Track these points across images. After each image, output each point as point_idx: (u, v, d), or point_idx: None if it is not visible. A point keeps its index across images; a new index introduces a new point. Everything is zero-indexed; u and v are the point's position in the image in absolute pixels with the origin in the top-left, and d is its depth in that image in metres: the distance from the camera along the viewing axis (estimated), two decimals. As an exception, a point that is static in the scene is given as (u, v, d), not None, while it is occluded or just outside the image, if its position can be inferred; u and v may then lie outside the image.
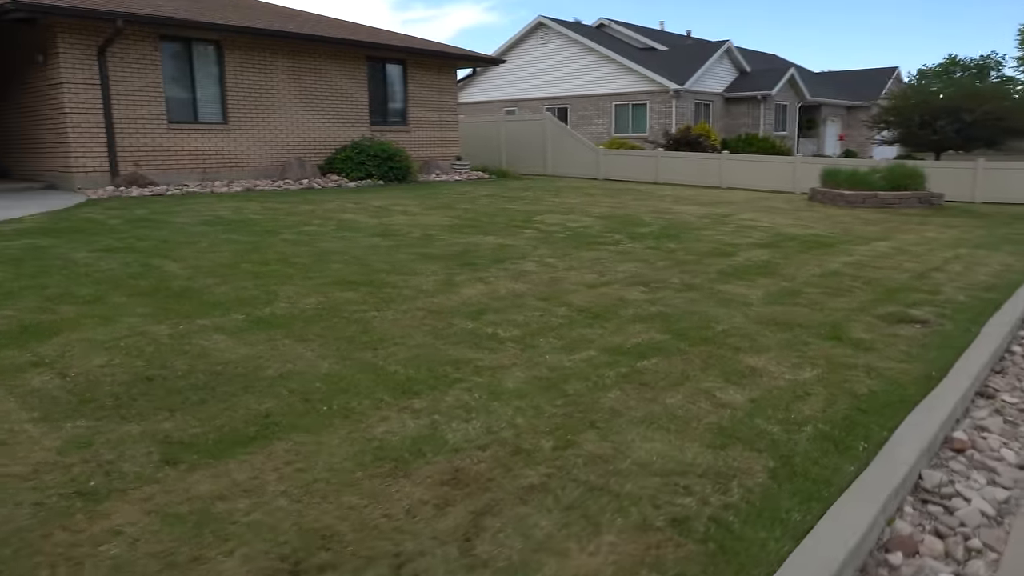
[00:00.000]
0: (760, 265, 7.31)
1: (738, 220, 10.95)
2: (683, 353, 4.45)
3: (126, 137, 13.18)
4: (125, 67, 13.04)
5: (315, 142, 16.19)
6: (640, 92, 26.46)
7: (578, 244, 8.17)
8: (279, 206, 10.77)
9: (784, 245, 8.64)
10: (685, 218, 10.98)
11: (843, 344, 4.80)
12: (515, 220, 10.01)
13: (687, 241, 8.65)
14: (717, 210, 12.33)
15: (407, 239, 8.08)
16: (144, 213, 9.42)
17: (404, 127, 18.12)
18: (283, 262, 6.54)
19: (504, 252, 7.50)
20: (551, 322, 4.98)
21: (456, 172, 18.60)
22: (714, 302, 5.74)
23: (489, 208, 11.34)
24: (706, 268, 7.04)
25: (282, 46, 15.31)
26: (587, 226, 9.66)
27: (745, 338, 4.81)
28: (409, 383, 3.71)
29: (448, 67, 19.01)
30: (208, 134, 14.39)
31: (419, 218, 9.92)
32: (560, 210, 11.45)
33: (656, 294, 5.91)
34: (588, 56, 27.53)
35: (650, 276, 6.58)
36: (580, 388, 3.78)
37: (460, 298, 5.49)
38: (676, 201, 13.84)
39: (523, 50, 29.50)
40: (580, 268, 6.81)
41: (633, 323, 5.05)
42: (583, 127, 27.91)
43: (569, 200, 13.21)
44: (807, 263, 7.51)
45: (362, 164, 15.78)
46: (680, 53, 28.45)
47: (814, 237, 9.40)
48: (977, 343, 5.05)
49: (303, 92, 15.84)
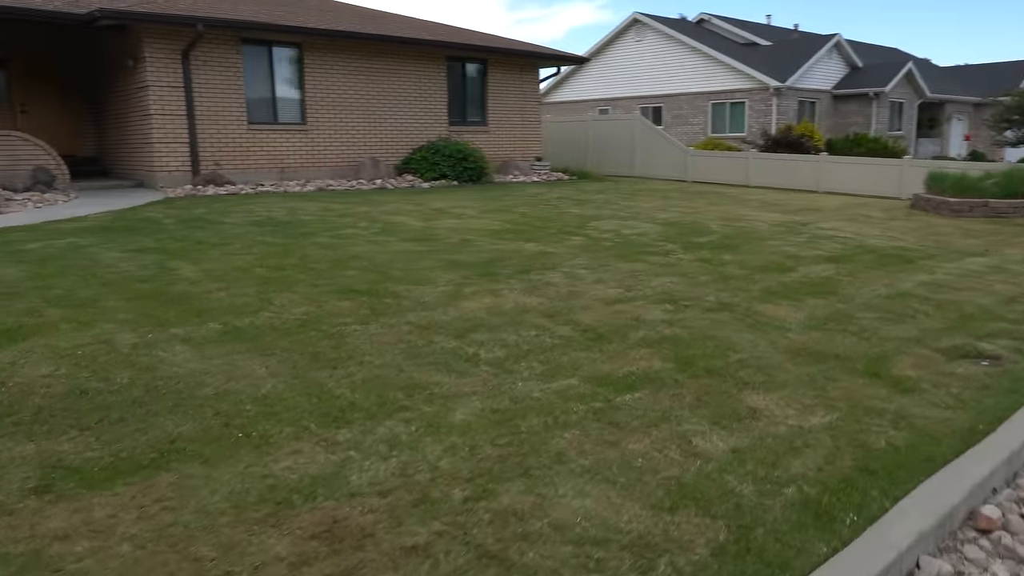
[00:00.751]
0: (817, 282, 6.57)
1: (816, 229, 10.05)
2: (677, 386, 3.93)
3: (207, 138, 13.65)
4: (208, 70, 13.51)
5: (392, 142, 16.28)
6: (738, 90, 25.21)
7: (622, 253, 7.66)
8: (336, 206, 10.80)
9: (857, 259, 7.79)
10: (757, 226, 10.19)
11: (879, 383, 4.13)
12: (569, 225, 9.57)
13: (745, 253, 7.95)
14: (798, 217, 11.40)
15: (443, 244, 7.82)
16: (202, 213, 9.63)
17: (483, 127, 17.96)
18: (300, 267, 6.42)
19: (537, 261, 7.10)
20: (544, 343, 4.56)
21: (535, 173, 18.27)
22: (743, 325, 5.14)
23: (548, 212, 10.94)
24: (752, 285, 6.39)
25: (361, 47, 15.47)
26: (642, 233, 9.09)
27: (760, 371, 4.23)
28: (347, 410, 3.41)
29: (531, 66, 18.70)
30: (286, 134, 14.72)
31: (470, 222, 9.66)
32: (623, 215, 10.90)
33: (679, 314, 5.37)
34: (684, 53, 26.52)
35: (683, 293, 6.02)
36: (536, 425, 3.36)
37: (458, 312, 5.15)
38: (758, 207, 12.95)
39: (618, 48, 28.80)
40: (609, 281, 6.33)
41: (637, 347, 4.55)
42: (678, 127, 26.93)
43: (640, 204, 12.61)
44: (874, 281, 6.70)
45: (437, 164, 15.72)
46: (784, 48, 26.92)
47: (897, 251, 8.45)
48: (1050, 388, 4.25)
49: (381, 93, 15.95)
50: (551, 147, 22.98)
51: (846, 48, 26.53)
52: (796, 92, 24.88)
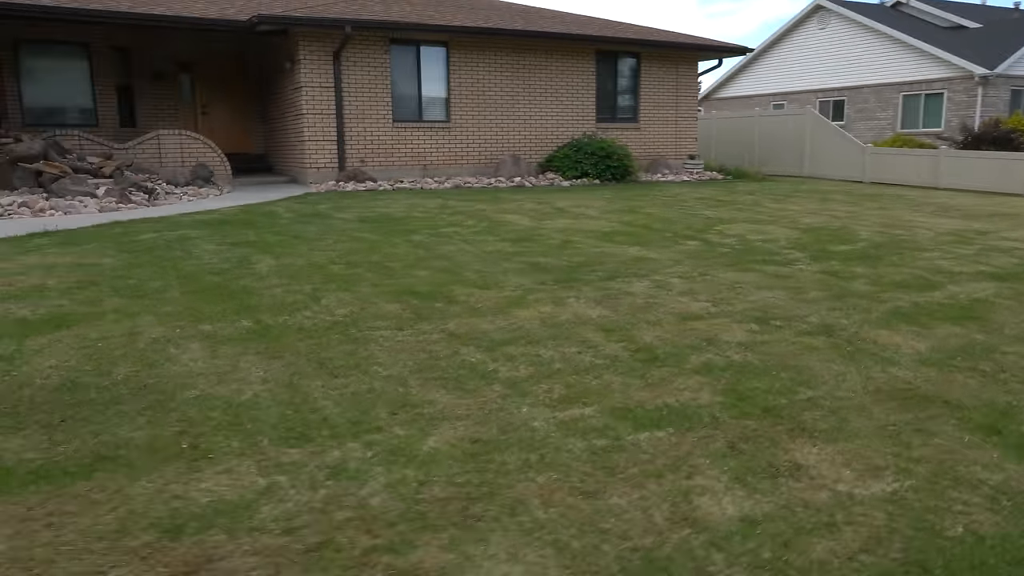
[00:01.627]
0: (963, 305, 5.40)
1: (996, 240, 8.46)
2: (714, 426, 3.26)
3: (354, 136, 14.17)
4: (356, 70, 14.00)
5: (535, 140, 16.05)
6: (936, 79, 22.35)
7: (734, 262, 6.82)
8: (457, 204, 10.70)
9: (1033, 278, 6.39)
10: (920, 234, 8.77)
11: (992, 443, 3.19)
12: (691, 229, 8.77)
13: (886, 265, 6.79)
14: (978, 225, 9.71)
15: (540, 246, 7.40)
16: (325, 208, 9.91)
17: (634, 123, 17.24)
18: (375, 265, 6.28)
19: (630, 267, 6.48)
20: (582, 362, 4.02)
21: (686, 172, 17.26)
22: (839, 355, 4.26)
23: (677, 214, 10.15)
24: (876, 304, 5.37)
25: (507, 44, 15.36)
26: (772, 239, 8.11)
27: (831, 415, 3.42)
28: (314, 427, 3.12)
29: (688, 59, 17.68)
30: (430, 132, 14.94)
31: (585, 222, 9.14)
32: (762, 219, 9.86)
33: (764, 336, 4.57)
34: (872, 39, 23.95)
35: (782, 310, 5.16)
36: (512, 462, 2.88)
37: (507, 321, 4.72)
38: (934, 211, 11.25)
39: (797, 38, 26.66)
40: (700, 293, 5.59)
41: (690, 375, 3.88)
42: (862, 122, 24.43)
43: (789, 207, 11.39)
44: (1045, 307, 5.40)
45: (579, 163, 15.29)
46: (998, 30, 23.48)
47: (1096, 269, 6.85)
48: None
49: (526, 89, 15.76)
50: (714, 144, 21.70)
51: (1078, 28, 22.66)
52: (1009, 80, 21.60)
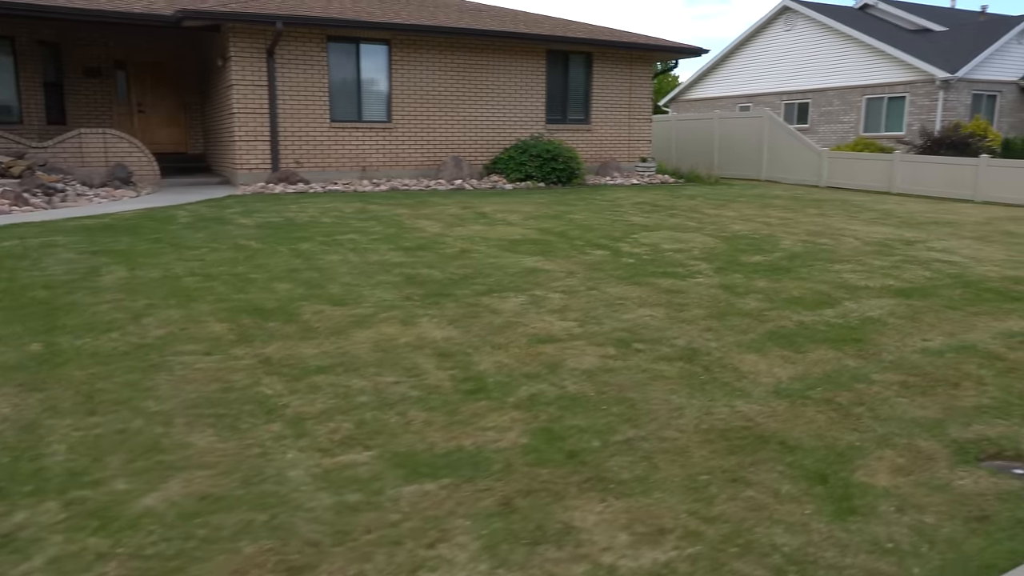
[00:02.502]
0: (852, 326, 5.04)
1: (920, 250, 8.14)
2: (499, 477, 2.87)
3: (289, 136, 13.70)
4: (292, 68, 13.53)
5: (482, 141, 15.64)
6: (898, 83, 22.13)
7: (632, 275, 6.44)
8: (376, 208, 10.27)
9: (939, 293, 6.04)
10: (845, 243, 8.44)
11: (813, 495, 2.82)
12: (608, 237, 8.39)
13: (792, 279, 6.43)
14: (911, 234, 9.39)
15: (433, 256, 6.98)
16: (232, 212, 9.45)
17: (585, 125, 16.86)
18: (236, 278, 5.85)
19: (517, 280, 6.09)
20: (392, 395, 3.62)
21: (637, 175, 16.90)
22: (690, 384, 3.88)
23: (603, 221, 9.77)
24: (758, 324, 5.00)
25: (452, 42, 14.94)
26: (686, 249, 7.74)
27: (643, 460, 3.04)
28: (20, 481, 2.70)
29: (641, 60, 17.32)
30: (370, 133, 14.49)
31: (500, 229, 8.74)
32: (690, 226, 9.49)
33: (617, 361, 4.18)
34: (837, 41, 23.71)
35: (652, 332, 4.78)
36: (227, 528, 2.47)
37: (339, 344, 4.31)
38: (873, 219, 10.93)
39: (764, 39, 26.40)
40: (573, 311, 5.20)
41: (511, 409, 3.49)
42: (825, 125, 24.21)
43: (726, 213, 11.05)
44: (937, 328, 5.05)
45: (523, 165, 14.87)
46: (960, 35, 23.30)
47: (1011, 283, 6.52)
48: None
49: (473, 89, 15.35)
50: (675, 147, 21.38)
51: (1041, 32, 22.50)
52: (970, 84, 21.42)
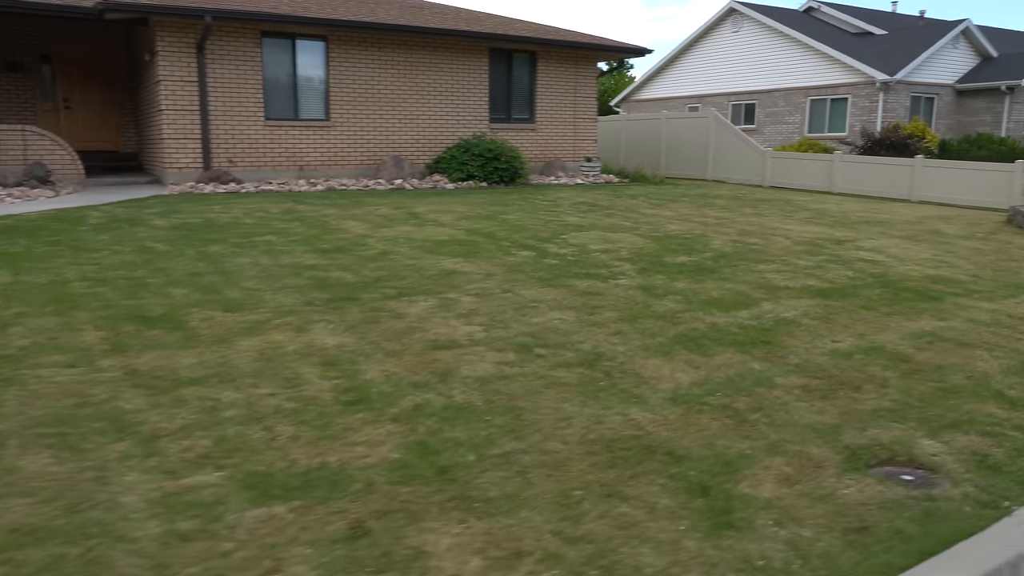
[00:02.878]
0: (765, 328, 4.96)
1: (849, 250, 8.17)
2: (357, 498, 2.67)
3: (221, 134, 13.28)
4: (224, 64, 13.12)
5: (424, 140, 15.40)
6: (840, 84, 22.50)
7: (553, 276, 6.29)
8: (303, 209, 9.98)
9: (858, 294, 6.02)
10: (776, 243, 8.43)
11: (690, 510, 2.68)
12: (537, 238, 8.24)
13: (715, 280, 6.36)
14: (841, 233, 9.45)
15: (351, 258, 6.75)
16: (149, 213, 9.07)
17: (530, 124, 16.73)
18: (131, 282, 5.55)
19: (431, 283, 5.89)
20: (264, 408, 3.40)
21: (582, 175, 16.84)
22: (584, 392, 3.73)
23: (538, 220, 9.63)
24: (669, 327, 4.89)
25: (392, 39, 14.67)
26: (614, 250, 7.63)
27: (517, 475, 2.87)
28: None
29: (586, 59, 17.26)
30: (307, 131, 14.14)
31: (428, 230, 8.54)
32: (624, 226, 9.41)
33: (515, 368, 4.02)
34: (782, 43, 24.03)
35: (559, 335, 4.63)
36: (31, 564, 2.23)
37: (219, 353, 4.07)
38: (808, 218, 10.99)
39: (712, 40, 26.62)
40: (483, 315, 5.03)
41: (390, 422, 3.29)
42: (771, 126, 24.52)
43: (664, 213, 11.01)
44: (848, 329, 5.00)
45: (465, 164, 14.68)
46: (900, 38, 23.80)
47: (930, 282, 6.55)
48: (990, 535, 2.60)
49: (414, 87, 15.10)
50: (624, 147, 21.40)
51: (976, 35, 23.09)
52: (908, 87, 21.87)
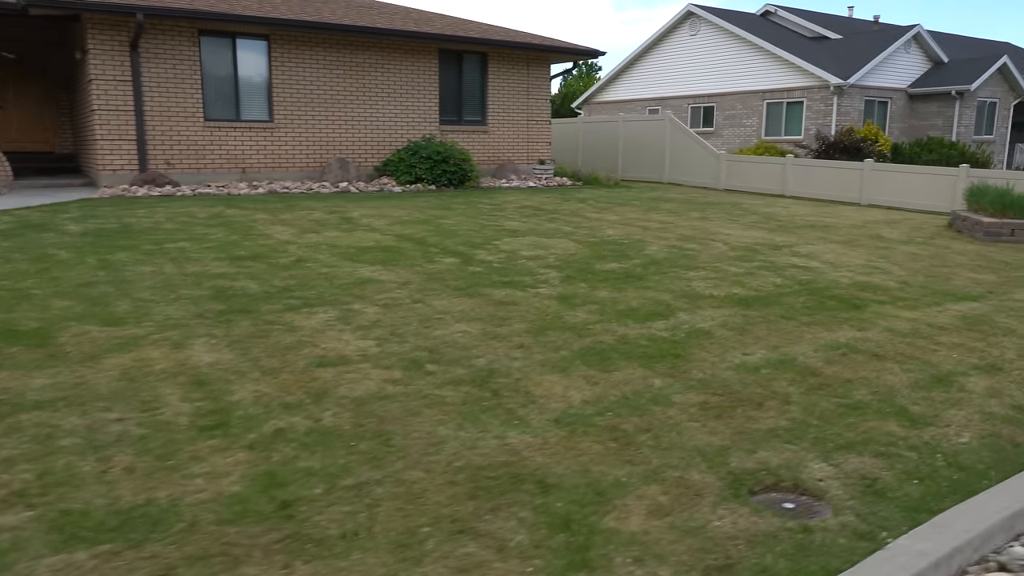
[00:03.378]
0: (676, 340, 4.79)
1: (785, 255, 8.07)
2: (173, 541, 2.42)
3: (158, 135, 12.87)
4: (160, 63, 12.71)
5: (372, 142, 15.10)
6: (796, 88, 22.63)
7: (471, 284, 6.08)
8: (232, 213, 9.65)
9: (781, 302, 5.89)
10: (713, 248, 8.31)
11: (545, 548, 2.47)
12: (469, 244, 8.03)
13: (639, 288, 6.19)
14: (781, 238, 9.37)
15: (263, 266, 6.47)
16: (67, 217, 8.69)
17: (482, 126, 16.52)
18: (13, 293, 5.22)
19: (340, 292, 5.64)
20: (106, 435, 3.13)
21: (535, 177, 16.67)
22: (467, 413, 3.52)
23: (476, 225, 9.41)
24: (575, 340, 4.69)
25: (338, 39, 14.36)
26: (543, 256, 7.44)
27: (362, 511, 2.64)
28: None
29: (539, 61, 17.10)
30: (249, 133, 13.78)
31: (356, 236, 8.27)
32: (563, 231, 9.23)
33: (399, 387, 3.79)
34: (738, 47, 24.12)
35: (456, 350, 4.42)
36: None
37: (78, 373, 3.78)
38: (752, 223, 10.92)
39: (671, 43, 26.66)
40: (382, 328, 4.79)
41: (243, 449, 3.04)
42: (729, 129, 24.61)
43: (608, 218, 10.85)
44: (763, 340, 4.85)
45: (413, 167, 14.42)
46: (854, 43, 24.02)
47: (858, 289, 6.45)
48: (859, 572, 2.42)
49: (362, 88, 14.80)
50: (582, 149, 21.28)
51: (927, 41, 23.38)
52: (862, 91, 22.07)
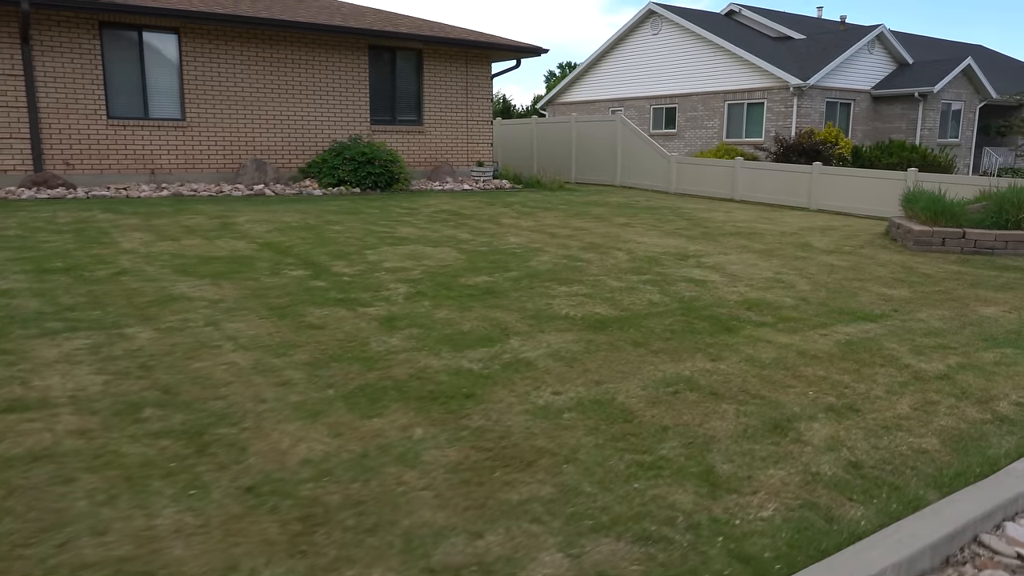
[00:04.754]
0: (485, 375, 4.05)
1: (686, 268, 7.35)
2: None
3: (55, 133, 12.05)
4: (55, 56, 11.90)
5: (296, 143, 14.32)
6: (756, 89, 22.00)
7: (293, 303, 5.32)
8: (108, 216, 8.86)
9: (648, 324, 5.16)
10: (611, 259, 7.58)
11: None
12: (338, 253, 7.27)
13: (489, 307, 5.45)
14: (697, 247, 8.66)
15: (72, 279, 5.70)
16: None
17: (418, 127, 15.77)
18: None
19: (129, 313, 4.88)
20: None
21: (471, 180, 15.93)
22: (98, 480, 2.76)
23: (362, 233, 8.67)
24: (359, 375, 3.95)
25: (259, 35, 13.59)
26: (409, 268, 6.68)
27: None
28: None
29: (479, 58, 16.38)
30: (159, 131, 12.97)
31: (221, 244, 7.50)
32: (457, 239, 8.49)
33: (79, 441, 3.03)
34: (700, 47, 23.48)
35: (200, 389, 3.66)
36: None
37: None
38: (676, 231, 10.22)
39: (633, 43, 26.00)
40: (139, 359, 4.03)
41: None
42: (691, 130, 23.97)
43: (521, 224, 10.13)
44: (596, 373, 4.12)
45: (336, 169, 13.66)
46: (818, 43, 23.42)
47: (745, 307, 5.73)
48: None
49: (284, 86, 14.03)
50: (536, 151, 20.56)
51: (891, 41, 22.80)
52: (823, 92, 21.46)
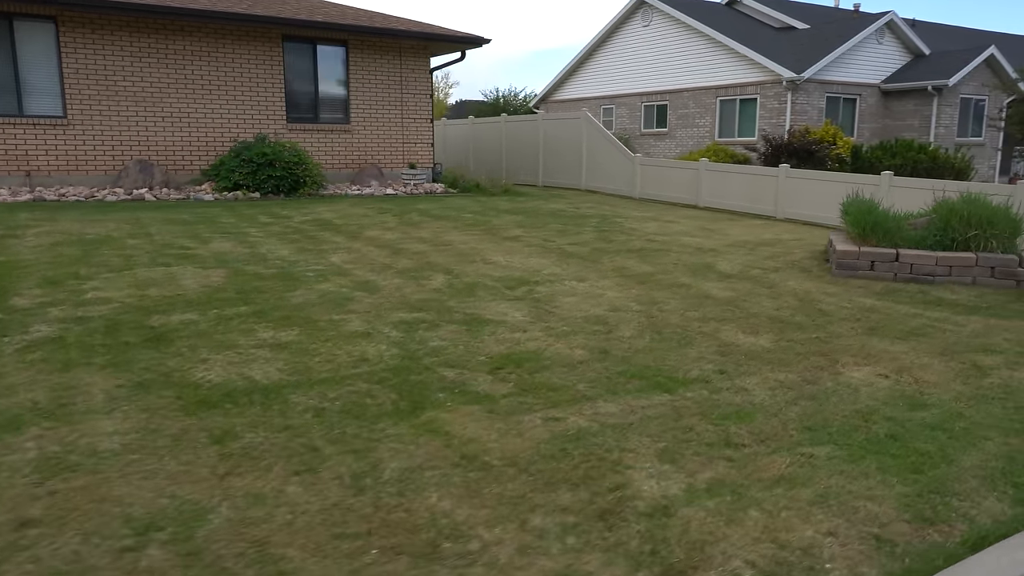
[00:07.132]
0: None
1: (503, 299, 5.71)
2: None
3: (-91, 132, 10.96)
4: (-92, 48, 10.80)
5: (197, 143, 13.01)
6: (748, 83, 19.99)
7: None
8: None
9: (333, 384, 3.58)
10: (416, 288, 5.99)
11: None
12: (112, 267, 5.84)
13: (108, 367, 3.93)
14: (561, 270, 6.97)
15: None
16: None
17: (343, 125, 14.33)
18: None
19: None
20: None
21: (400, 183, 14.41)
22: None
23: (130, 250, 7.23)
24: None
25: (151, 24, 12.31)
26: (100, 302, 5.19)
27: None
28: None
29: (415, 51, 14.86)
30: (35, 130, 11.78)
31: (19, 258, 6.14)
32: (261, 258, 6.99)
33: None
34: (691, 39, 21.54)
35: None
36: None
37: None
38: (569, 246, 8.53)
39: (623, 35, 24.15)
40: None
41: None
42: (683, 129, 22.05)
43: (384, 237, 8.59)
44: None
45: (232, 172, 12.29)
46: (819, 33, 21.24)
47: (505, 364, 4.10)
48: None
49: (183, 80, 12.73)
50: (505, 153, 18.97)
51: (903, 30, 20.51)
52: (822, 86, 19.35)
